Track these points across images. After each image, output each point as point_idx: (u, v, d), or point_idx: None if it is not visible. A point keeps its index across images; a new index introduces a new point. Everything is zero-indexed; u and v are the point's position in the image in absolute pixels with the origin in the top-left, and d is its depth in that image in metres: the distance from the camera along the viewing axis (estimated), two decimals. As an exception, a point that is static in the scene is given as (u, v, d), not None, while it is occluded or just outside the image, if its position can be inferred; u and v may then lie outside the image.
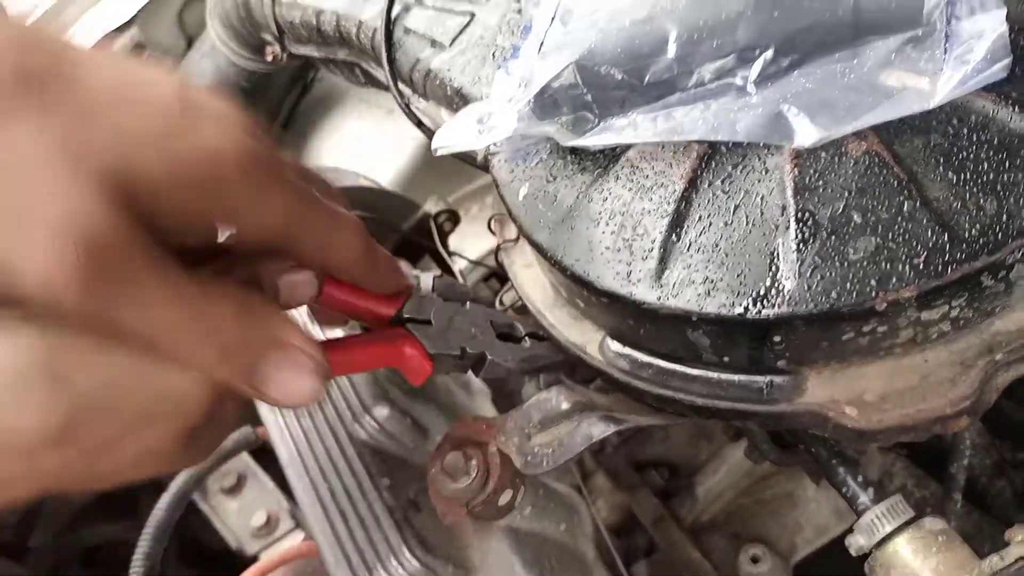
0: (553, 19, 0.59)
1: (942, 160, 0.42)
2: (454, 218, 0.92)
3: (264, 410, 0.59)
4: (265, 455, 1.26)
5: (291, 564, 0.80)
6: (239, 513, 1.17)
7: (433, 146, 0.53)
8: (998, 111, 0.42)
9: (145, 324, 0.28)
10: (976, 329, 0.43)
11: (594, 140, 0.50)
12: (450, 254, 0.93)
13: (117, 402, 0.28)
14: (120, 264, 0.27)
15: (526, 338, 0.57)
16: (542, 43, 0.58)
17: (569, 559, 0.57)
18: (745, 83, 0.47)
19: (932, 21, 0.43)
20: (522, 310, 0.84)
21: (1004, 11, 0.43)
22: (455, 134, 0.52)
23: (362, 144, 1.41)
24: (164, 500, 0.92)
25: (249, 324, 0.31)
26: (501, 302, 0.82)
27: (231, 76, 1.24)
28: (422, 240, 0.91)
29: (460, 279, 0.91)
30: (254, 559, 1.05)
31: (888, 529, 0.46)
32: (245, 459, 1.22)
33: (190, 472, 0.85)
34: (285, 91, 1.37)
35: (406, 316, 0.48)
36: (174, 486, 1.02)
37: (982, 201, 0.41)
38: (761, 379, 0.46)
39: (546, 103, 0.51)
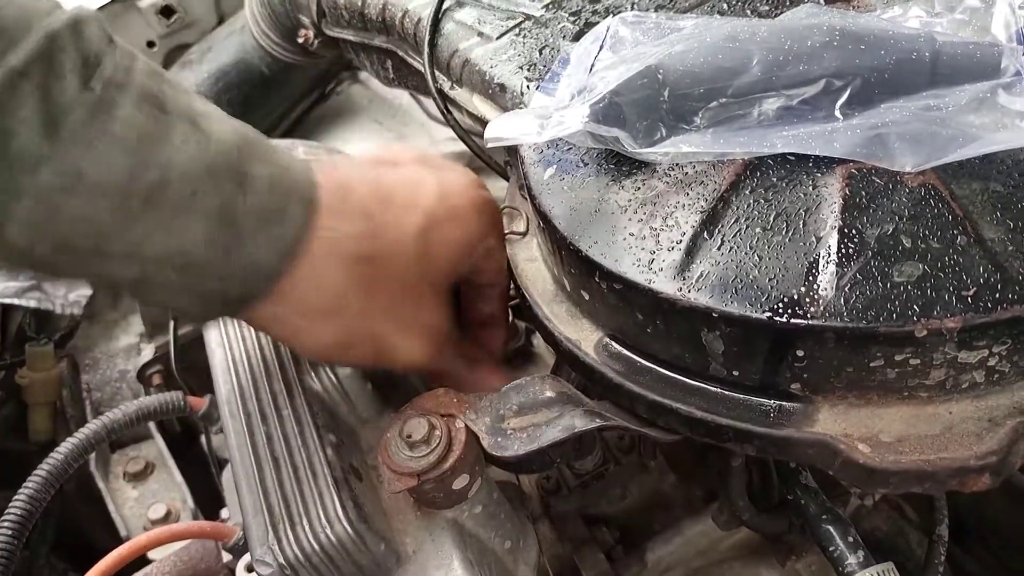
0: (602, 47, 0.57)
1: (1000, 206, 0.40)
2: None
3: (212, 342, 0.53)
4: (184, 443, 1.16)
5: (181, 546, 0.72)
6: (137, 502, 1.07)
7: (486, 136, 0.50)
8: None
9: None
10: (1009, 389, 0.40)
11: (666, 150, 0.46)
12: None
13: None
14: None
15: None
16: (592, 65, 0.55)
17: (507, 580, 0.51)
18: (832, 108, 0.46)
19: (1015, 71, 0.43)
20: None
21: None
22: (513, 127, 0.48)
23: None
24: (52, 457, 0.82)
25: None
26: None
27: (254, 59, 1.22)
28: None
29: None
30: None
31: (876, 596, 0.41)
32: (159, 447, 1.13)
33: (85, 433, 0.75)
34: (302, 92, 1.35)
35: None
36: (66, 445, 0.92)
37: (1039, 250, 0.39)
38: (769, 402, 0.42)
39: (614, 107, 0.48)
